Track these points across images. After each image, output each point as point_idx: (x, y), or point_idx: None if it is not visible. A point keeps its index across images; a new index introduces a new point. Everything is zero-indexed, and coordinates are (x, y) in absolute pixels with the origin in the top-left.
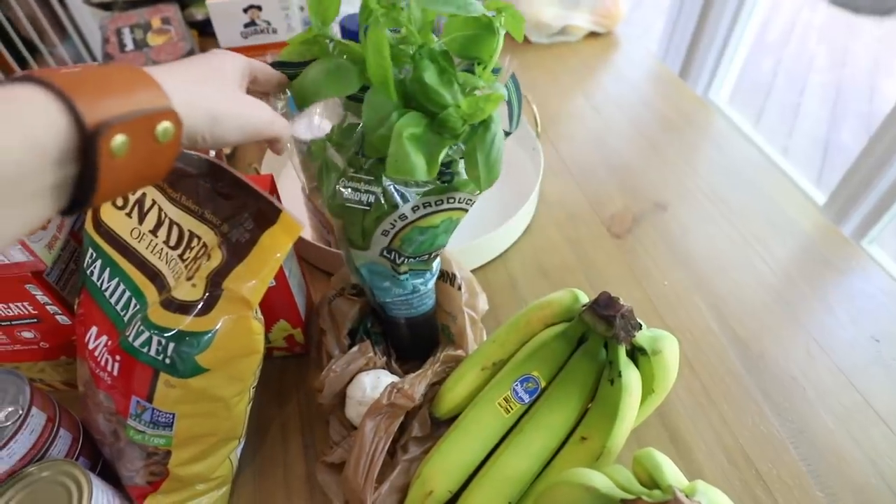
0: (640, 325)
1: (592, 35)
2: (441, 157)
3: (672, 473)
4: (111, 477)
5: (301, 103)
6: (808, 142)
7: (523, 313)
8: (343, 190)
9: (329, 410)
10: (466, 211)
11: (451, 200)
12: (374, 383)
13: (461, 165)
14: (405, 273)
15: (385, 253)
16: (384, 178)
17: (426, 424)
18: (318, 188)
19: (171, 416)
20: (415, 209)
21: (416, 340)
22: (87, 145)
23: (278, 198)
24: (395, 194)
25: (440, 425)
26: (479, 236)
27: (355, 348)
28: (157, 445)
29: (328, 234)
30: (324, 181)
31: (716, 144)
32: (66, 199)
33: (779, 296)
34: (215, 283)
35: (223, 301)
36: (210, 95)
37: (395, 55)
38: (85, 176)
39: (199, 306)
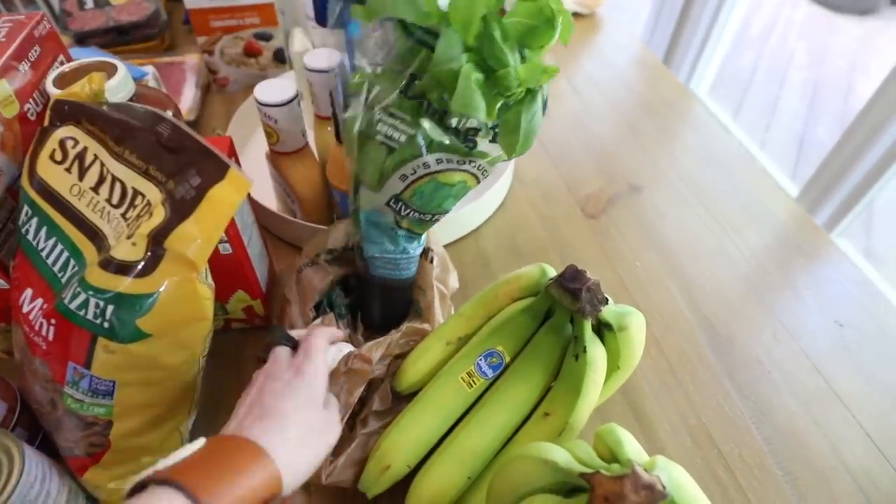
0: (607, 300)
1: (575, 16)
2: (497, 107)
3: (633, 449)
4: (52, 449)
5: (368, 14)
6: (786, 136)
7: (490, 288)
8: (383, 123)
9: None
10: (479, 181)
11: (472, 164)
12: (335, 355)
13: (484, 136)
14: (404, 230)
15: (392, 202)
16: (421, 122)
17: (387, 398)
18: (344, 124)
19: (111, 385)
20: (438, 161)
21: (388, 310)
22: None
23: (237, 161)
24: (423, 146)
25: (401, 400)
26: (452, 210)
27: (318, 320)
28: (97, 415)
29: (293, 203)
30: (360, 113)
31: (695, 131)
32: None
33: (749, 281)
34: (157, 242)
35: (166, 262)
36: (309, 460)
37: None
38: None
39: (140, 267)
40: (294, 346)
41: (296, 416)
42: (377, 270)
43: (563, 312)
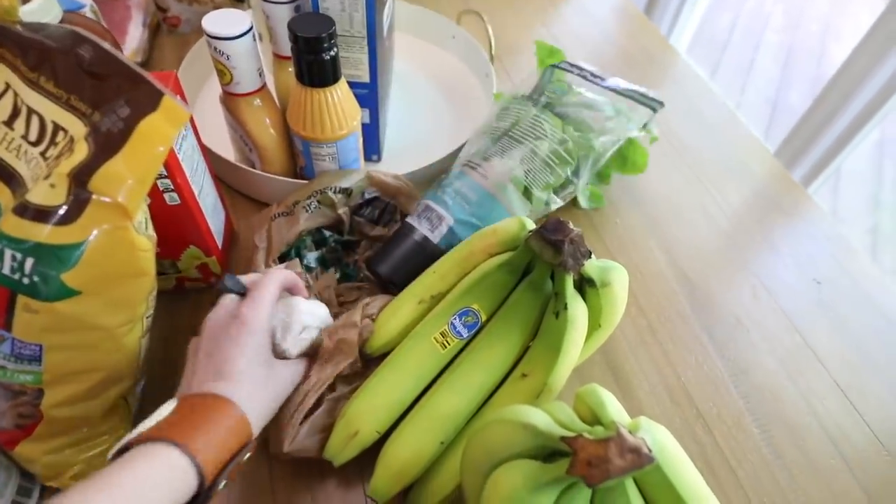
0: (590, 253)
1: None
2: None
3: (616, 410)
4: None
5: None
6: (759, 100)
7: (466, 242)
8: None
9: None
10: None
11: None
12: (288, 311)
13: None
14: (528, 199)
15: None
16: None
17: (356, 362)
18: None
19: (36, 349)
20: None
21: (407, 269)
22: (203, 494)
23: (184, 100)
24: None
25: (371, 363)
26: (429, 161)
27: (283, 264)
28: (24, 383)
29: (251, 152)
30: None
31: (677, 86)
32: None
33: (728, 238)
34: (80, 184)
35: (93, 207)
36: (270, 405)
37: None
38: None
39: (62, 213)
40: (244, 293)
41: (249, 370)
42: (423, 227)
43: (543, 267)
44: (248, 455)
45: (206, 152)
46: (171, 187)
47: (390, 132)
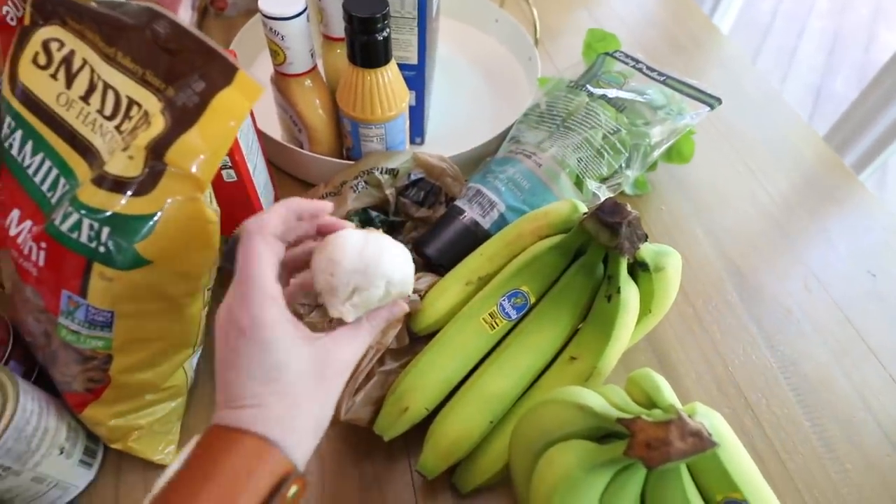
0: (646, 237)
1: None
2: None
3: (671, 395)
4: (50, 384)
5: None
6: (802, 88)
7: (515, 224)
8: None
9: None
10: None
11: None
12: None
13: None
14: (580, 189)
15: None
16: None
17: (403, 337)
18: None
19: (108, 315)
20: None
21: (460, 249)
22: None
23: None
24: None
25: (418, 341)
26: (471, 146)
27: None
28: (95, 349)
29: (300, 132)
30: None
31: (724, 69)
32: None
33: (779, 227)
34: (156, 156)
35: (167, 179)
36: (315, 413)
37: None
38: None
39: (138, 183)
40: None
41: (265, 390)
42: (475, 211)
43: (596, 250)
44: (294, 490)
45: (259, 133)
46: (230, 164)
47: (433, 115)
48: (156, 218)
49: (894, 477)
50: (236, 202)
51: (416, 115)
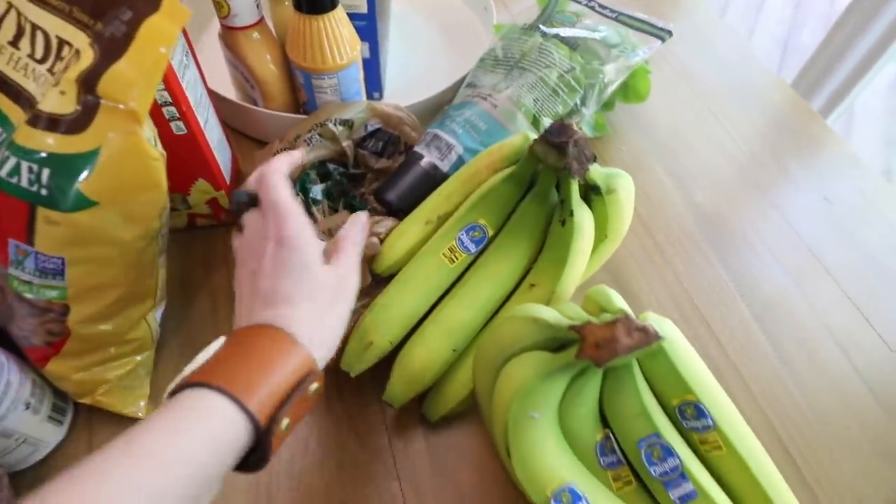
0: (595, 157)
1: None
2: None
3: (622, 303)
4: (10, 341)
5: None
6: (769, 42)
7: (471, 162)
8: None
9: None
10: None
11: None
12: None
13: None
14: (537, 128)
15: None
16: None
17: (366, 278)
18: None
19: (59, 262)
20: None
21: (420, 194)
22: (260, 438)
23: (187, 38)
24: None
25: (380, 282)
26: (426, 94)
27: (281, 154)
28: (51, 299)
29: (252, 89)
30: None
31: (689, 19)
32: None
33: (739, 164)
34: (88, 89)
35: (103, 113)
36: (334, 324)
37: None
38: (257, 455)
39: (73, 119)
40: (257, 201)
41: (300, 291)
42: (433, 155)
43: (548, 176)
44: (314, 387)
45: (211, 92)
46: (177, 115)
47: (391, 70)
48: (96, 155)
49: (848, 386)
50: (190, 156)
51: (372, 69)
